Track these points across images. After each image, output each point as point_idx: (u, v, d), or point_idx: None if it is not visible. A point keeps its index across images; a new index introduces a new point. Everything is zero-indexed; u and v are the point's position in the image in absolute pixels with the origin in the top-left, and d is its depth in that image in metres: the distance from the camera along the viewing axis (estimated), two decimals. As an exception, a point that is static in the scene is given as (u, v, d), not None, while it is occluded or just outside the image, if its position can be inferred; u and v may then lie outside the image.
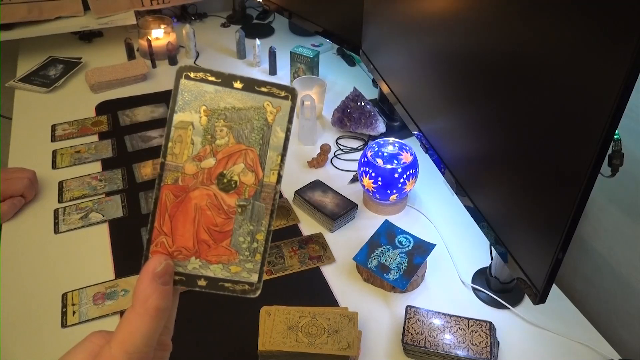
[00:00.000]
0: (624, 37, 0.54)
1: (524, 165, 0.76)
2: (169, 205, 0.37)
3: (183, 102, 0.36)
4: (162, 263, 0.35)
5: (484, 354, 0.83)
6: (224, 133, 0.37)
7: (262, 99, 0.37)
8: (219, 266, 0.37)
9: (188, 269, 0.37)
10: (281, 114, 0.37)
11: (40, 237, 1.07)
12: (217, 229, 0.37)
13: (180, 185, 0.37)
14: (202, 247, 0.37)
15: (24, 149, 1.33)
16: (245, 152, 0.37)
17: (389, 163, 1.14)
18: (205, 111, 0.36)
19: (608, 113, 0.57)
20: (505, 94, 0.78)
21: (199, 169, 0.37)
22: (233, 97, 0.37)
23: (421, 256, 0.99)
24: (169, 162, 0.37)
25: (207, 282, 0.37)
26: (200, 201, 0.37)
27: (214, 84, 0.36)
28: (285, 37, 1.90)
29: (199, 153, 0.37)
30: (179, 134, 0.36)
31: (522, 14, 0.71)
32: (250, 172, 0.37)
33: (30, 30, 1.64)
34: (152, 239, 0.37)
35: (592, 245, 1.00)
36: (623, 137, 0.70)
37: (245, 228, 0.37)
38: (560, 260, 0.71)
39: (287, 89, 0.37)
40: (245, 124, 0.37)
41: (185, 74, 0.36)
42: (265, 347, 0.81)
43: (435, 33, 0.98)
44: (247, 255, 0.37)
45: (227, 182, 0.37)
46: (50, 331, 0.89)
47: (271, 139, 0.37)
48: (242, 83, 0.36)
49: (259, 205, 0.37)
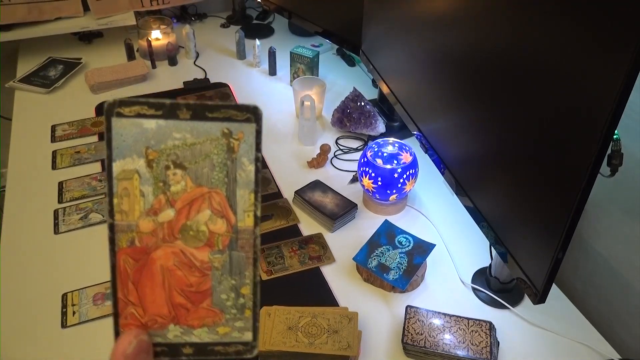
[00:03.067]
0: (624, 37, 0.54)
1: (523, 165, 0.76)
2: (130, 272, 0.31)
3: (121, 146, 0.30)
4: (132, 341, 0.30)
5: (483, 354, 0.83)
6: (179, 176, 0.31)
7: (218, 126, 0.30)
8: (204, 330, 0.32)
9: (169, 337, 0.32)
10: (245, 141, 0.31)
11: (40, 237, 1.07)
12: (193, 289, 0.32)
13: (138, 247, 0.31)
14: (180, 311, 0.32)
15: (24, 149, 1.33)
16: (209, 195, 0.31)
17: (389, 163, 1.14)
18: (150, 154, 0.30)
19: (607, 113, 0.57)
20: (505, 94, 0.78)
21: (157, 225, 0.31)
22: (182, 130, 0.30)
23: (421, 256, 0.99)
24: (119, 222, 0.31)
25: (193, 349, 0.32)
26: (166, 261, 0.32)
27: (155, 118, 0.30)
28: (285, 37, 1.90)
29: (153, 206, 0.31)
30: (124, 186, 0.30)
31: (522, 14, 0.71)
32: (219, 219, 0.32)
33: (30, 31, 1.64)
34: (119, 312, 0.31)
35: (592, 245, 1.00)
36: (622, 137, 0.70)
37: (226, 284, 0.32)
38: (560, 260, 0.71)
39: (247, 109, 0.30)
40: (202, 161, 0.31)
41: (116, 112, 0.30)
42: (265, 347, 0.81)
43: (435, 33, 0.98)
44: (234, 313, 0.32)
45: (194, 235, 0.32)
46: (50, 331, 0.89)
47: (238, 175, 0.31)
48: (189, 111, 0.30)
49: (238, 254, 0.32)
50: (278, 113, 1.49)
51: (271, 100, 1.55)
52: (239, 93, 1.57)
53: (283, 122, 1.45)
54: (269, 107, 1.51)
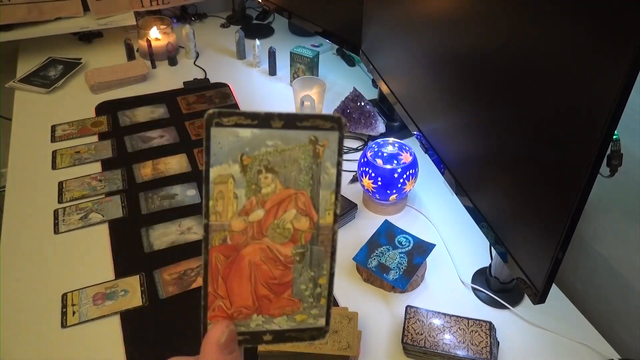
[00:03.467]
0: (624, 38, 0.54)
1: (523, 165, 0.76)
2: (220, 268, 0.34)
3: (218, 153, 0.33)
4: (225, 332, 0.33)
5: (483, 354, 0.83)
6: (269, 179, 0.33)
7: (306, 134, 0.33)
8: (284, 318, 0.35)
9: (251, 326, 0.35)
10: (329, 147, 0.33)
11: (40, 237, 1.07)
12: (276, 281, 0.35)
13: (229, 245, 0.34)
14: (263, 302, 0.35)
15: (24, 149, 1.33)
16: (296, 196, 0.34)
17: (389, 163, 1.14)
18: (245, 159, 0.33)
19: (607, 113, 0.57)
20: (504, 94, 0.78)
21: (248, 224, 0.34)
22: (274, 137, 0.33)
23: (421, 256, 0.99)
24: (213, 223, 0.33)
25: (272, 336, 0.35)
26: (254, 257, 0.34)
27: (250, 127, 0.32)
28: (285, 37, 1.90)
29: (245, 207, 0.34)
30: (220, 189, 0.33)
31: (522, 14, 0.71)
32: (303, 217, 0.34)
33: (30, 31, 1.64)
34: (209, 305, 0.35)
35: (592, 245, 1.00)
36: (622, 137, 0.70)
37: (306, 275, 0.35)
38: (559, 260, 0.71)
39: (332, 119, 0.33)
40: (291, 165, 0.33)
41: (215, 122, 0.32)
42: (265, 347, 0.81)
43: (435, 33, 0.98)
44: (311, 301, 0.35)
45: (281, 232, 0.34)
46: (50, 331, 0.89)
47: (322, 177, 0.34)
48: (281, 121, 0.33)
49: (318, 249, 0.35)
50: (278, 113, 1.48)
51: (271, 100, 1.55)
52: (239, 93, 1.57)
53: (283, 122, 1.45)
54: (269, 107, 1.51)
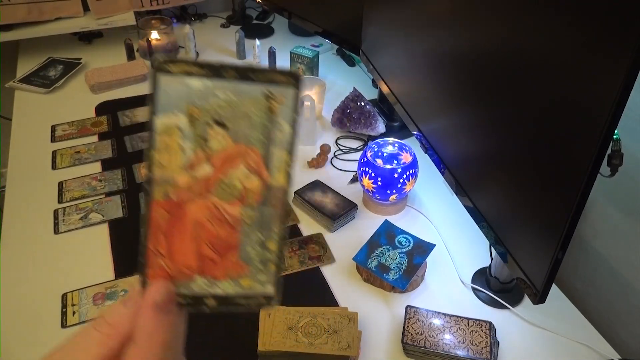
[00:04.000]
0: (624, 37, 0.54)
1: (523, 165, 0.76)
2: (162, 224, 0.32)
3: (165, 102, 0.31)
4: (162, 291, 0.31)
5: (483, 354, 0.83)
6: (218, 134, 0.31)
7: (261, 89, 0.31)
8: (229, 282, 0.33)
9: (194, 289, 0.33)
10: (285, 104, 0.32)
11: (40, 237, 1.07)
12: (222, 242, 0.33)
13: (173, 200, 0.32)
14: (207, 263, 0.32)
15: (24, 149, 1.33)
16: (246, 153, 0.32)
17: (389, 163, 1.14)
18: (193, 111, 0.31)
19: (607, 113, 0.57)
20: (505, 94, 0.78)
21: (193, 180, 0.32)
22: (226, 89, 0.31)
23: (421, 256, 0.99)
24: (157, 175, 0.31)
25: (217, 302, 0.33)
26: (199, 214, 0.32)
27: (200, 77, 0.31)
28: (285, 37, 1.90)
29: (191, 161, 0.32)
30: (165, 140, 0.31)
31: (522, 14, 0.71)
32: (254, 176, 0.32)
33: (30, 31, 1.64)
34: (148, 263, 0.32)
35: (592, 245, 1.00)
36: (623, 137, 0.70)
37: (255, 238, 0.33)
38: (559, 260, 0.71)
39: (289, 74, 0.31)
40: (242, 120, 0.31)
41: (163, 69, 0.30)
42: (265, 347, 0.81)
43: (434, 33, 0.98)
44: (259, 267, 0.33)
45: (229, 190, 0.32)
46: (50, 331, 0.89)
47: (276, 135, 0.32)
48: (235, 72, 0.31)
49: (268, 211, 0.33)
50: (278, 113, 1.49)
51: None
52: (239, 93, 1.57)
53: (283, 122, 1.45)
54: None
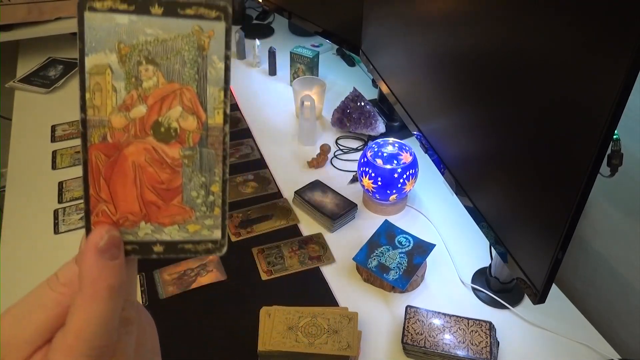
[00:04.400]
0: (624, 37, 0.54)
1: (523, 165, 0.76)
2: (101, 168, 0.31)
3: (93, 41, 0.30)
4: (104, 235, 0.30)
5: (483, 354, 0.83)
6: (150, 72, 0.31)
7: (190, 23, 0.30)
8: (175, 227, 0.32)
9: (139, 235, 0.32)
10: (215, 39, 0.31)
11: (40, 237, 1.07)
12: (164, 186, 0.32)
13: (110, 143, 0.31)
14: (151, 209, 0.32)
15: (24, 149, 1.33)
16: (180, 91, 0.31)
17: (389, 163, 1.14)
18: (122, 49, 0.30)
19: (607, 113, 0.57)
20: (505, 94, 0.78)
21: (129, 120, 0.31)
22: (154, 26, 0.30)
23: (421, 256, 0.99)
24: (91, 117, 0.31)
25: (164, 247, 0.32)
26: (138, 157, 0.31)
27: (127, 13, 0.30)
28: (285, 37, 1.90)
29: (125, 101, 0.31)
30: (96, 81, 0.30)
31: (522, 14, 0.71)
32: (190, 115, 0.32)
33: (30, 31, 1.64)
34: (91, 209, 0.32)
35: (592, 245, 1.00)
36: (622, 137, 0.70)
37: (197, 181, 0.32)
38: (559, 260, 0.71)
39: (217, 7, 0.31)
40: (174, 57, 0.31)
41: (88, 5, 0.30)
42: (265, 347, 0.81)
43: (434, 33, 0.98)
44: (204, 210, 0.33)
45: (165, 131, 0.32)
46: (50, 331, 0.89)
47: (209, 72, 0.31)
48: (161, 7, 0.30)
49: (208, 152, 0.32)
50: (278, 113, 1.49)
51: (271, 100, 1.55)
52: (239, 93, 1.57)
53: (283, 122, 1.45)
54: (269, 107, 1.51)
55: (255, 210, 1.14)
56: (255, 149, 1.34)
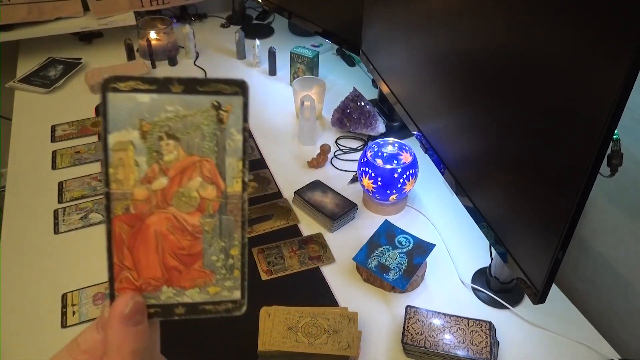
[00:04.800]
0: (624, 37, 0.54)
1: (523, 165, 0.76)
2: (125, 237, 0.33)
3: (116, 119, 0.32)
4: (129, 303, 0.31)
5: (483, 354, 0.83)
6: (171, 147, 0.32)
7: (208, 99, 0.32)
8: (196, 290, 0.34)
9: (162, 299, 0.34)
10: (234, 113, 0.32)
11: (40, 237, 1.07)
12: (185, 252, 0.34)
13: (132, 214, 0.33)
14: (173, 274, 0.34)
15: (24, 149, 1.33)
16: (200, 163, 0.33)
17: (389, 163, 1.14)
18: (144, 126, 0.32)
19: (607, 113, 0.57)
20: (504, 94, 0.78)
21: (151, 192, 0.33)
22: (174, 103, 0.32)
23: (421, 256, 0.99)
24: (114, 191, 0.32)
25: (185, 309, 0.34)
26: (160, 226, 0.33)
27: (148, 92, 0.32)
28: (285, 37, 1.90)
29: (147, 174, 0.32)
30: (119, 157, 0.32)
31: (521, 15, 0.71)
32: (210, 185, 0.33)
33: (30, 31, 1.64)
34: (115, 276, 0.33)
35: (592, 245, 1.00)
36: (622, 137, 0.70)
37: (217, 246, 0.34)
38: (559, 260, 0.71)
39: (235, 83, 0.32)
40: (193, 132, 0.32)
41: (112, 87, 0.31)
42: (265, 347, 0.81)
43: (434, 34, 0.98)
44: (224, 273, 0.34)
45: (186, 201, 0.33)
46: (50, 331, 0.89)
47: (227, 144, 0.33)
48: (181, 85, 0.32)
49: (227, 219, 0.34)
50: (278, 113, 1.49)
51: (271, 100, 1.55)
52: (239, 93, 1.57)
53: (283, 122, 1.45)
54: (269, 107, 1.51)
55: (255, 210, 1.14)
56: (255, 149, 1.34)
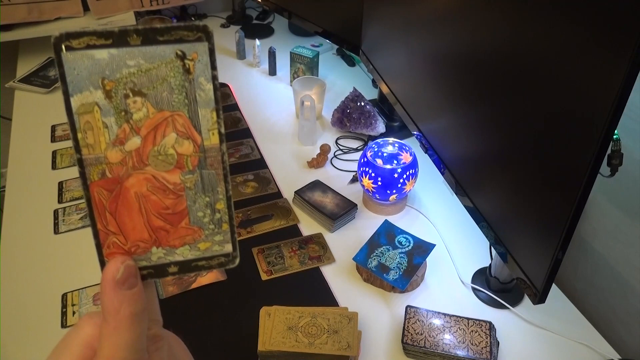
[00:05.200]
0: (624, 37, 0.54)
1: (523, 165, 0.76)
2: (105, 203, 0.32)
3: (75, 80, 0.30)
4: (120, 267, 0.31)
5: (483, 354, 0.83)
6: (139, 104, 0.31)
7: (171, 49, 0.30)
8: (186, 248, 0.33)
9: (153, 260, 0.33)
10: (200, 61, 0.31)
11: (40, 237, 1.07)
12: (170, 211, 0.33)
13: (109, 178, 0.32)
14: (160, 234, 0.33)
15: (24, 149, 1.33)
16: (172, 118, 0.31)
17: (389, 163, 1.14)
18: (107, 84, 0.30)
19: (607, 113, 0.57)
20: (505, 94, 0.78)
21: (125, 154, 0.31)
22: (135, 56, 0.30)
23: (421, 256, 0.99)
24: (87, 156, 0.31)
25: (178, 267, 0.33)
26: (140, 188, 0.32)
27: (105, 47, 0.29)
28: (285, 37, 1.90)
29: (118, 136, 0.31)
30: (86, 120, 0.30)
31: (522, 15, 0.71)
32: (185, 140, 0.32)
33: (30, 31, 1.64)
34: (102, 243, 0.32)
35: (592, 245, 1.00)
36: (622, 137, 0.70)
37: (201, 201, 0.33)
38: (559, 260, 0.71)
39: (197, 28, 0.30)
40: (160, 85, 0.31)
41: (65, 45, 0.29)
42: (265, 347, 0.81)
43: (434, 33, 0.98)
44: (212, 228, 0.33)
45: (163, 159, 0.32)
46: (50, 331, 0.89)
47: (198, 95, 0.31)
48: (139, 37, 0.30)
49: (208, 173, 0.33)
50: (278, 113, 1.49)
51: (271, 100, 1.55)
52: (239, 93, 1.57)
53: (283, 122, 1.45)
54: (269, 107, 1.51)
55: (255, 210, 1.14)
56: (255, 149, 1.34)
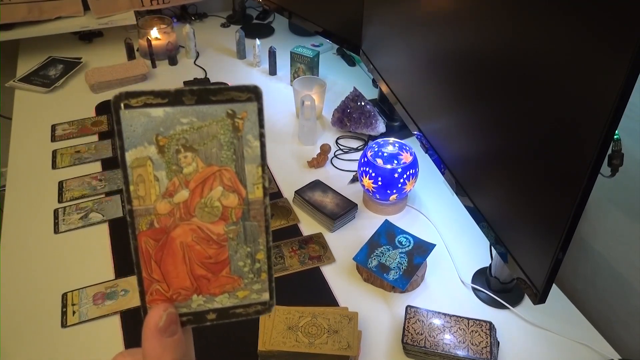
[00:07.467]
0: (624, 37, 0.54)
1: (524, 165, 0.76)
2: (151, 252, 0.34)
3: (131, 136, 0.32)
4: (162, 315, 0.32)
5: (484, 354, 0.83)
6: (189, 159, 0.33)
7: (223, 108, 0.32)
8: (225, 296, 0.35)
9: (193, 307, 0.35)
10: (249, 119, 0.33)
11: (40, 237, 1.07)
12: (212, 260, 0.34)
13: (157, 228, 0.33)
14: (201, 282, 0.34)
15: (24, 149, 1.33)
16: (220, 172, 0.33)
17: (389, 163, 1.14)
18: (160, 140, 0.32)
19: (608, 113, 0.57)
20: (505, 94, 0.78)
21: (173, 205, 0.33)
22: (188, 115, 0.32)
23: (421, 256, 0.99)
24: (137, 207, 0.33)
25: (216, 314, 0.35)
26: (186, 238, 0.34)
27: (161, 106, 0.32)
28: (285, 37, 1.90)
29: (168, 188, 0.33)
30: (139, 173, 0.32)
31: (522, 15, 0.71)
32: (231, 194, 0.34)
33: (30, 30, 1.64)
34: (145, 290, 0.34)
35: (592, 245, 1.00)
36: (623, 137, 0.70)
37: (242, 252, 0.35)
38: (560, 260, 0.71)
39: (248, 89, 0.32)
40: (210, 142, 0.33)
41: (123, 104, 0.31)
42: (265, 347, 0.81)
43: (435, 33, 0.98)
44: (251, 277, 0.35)
45: (209, 211, 0.34)
46: (50, 331, 0.89)
47: (245, 151, 0.33)
48: (194, 96, 0.32)
49: (251, 224, 0.34)
50: (278, 113, 1.49)
51: (271, 100, 1.55)
52: (239, 93, 1.57)
53: (283, 122, 1.45)
54: (269, 107, 1.51)
55: (255, 210, 1.14)
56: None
